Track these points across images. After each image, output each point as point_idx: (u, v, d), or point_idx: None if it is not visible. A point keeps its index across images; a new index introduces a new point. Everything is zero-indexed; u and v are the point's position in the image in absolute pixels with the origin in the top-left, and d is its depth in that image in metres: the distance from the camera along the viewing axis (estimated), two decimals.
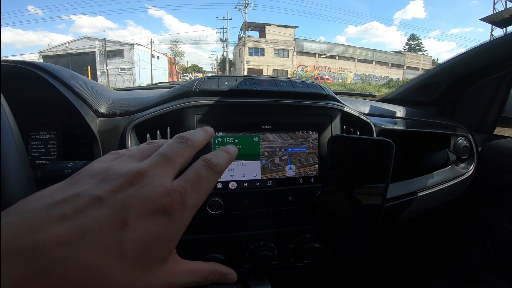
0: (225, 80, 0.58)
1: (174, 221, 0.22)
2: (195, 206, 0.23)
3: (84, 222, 0.18)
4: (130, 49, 24.70)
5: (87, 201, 0.19)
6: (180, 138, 0.27)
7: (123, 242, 0.19)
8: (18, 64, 0.54)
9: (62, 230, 0.18)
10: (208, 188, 0.25)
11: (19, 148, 0.34)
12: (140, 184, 0.21)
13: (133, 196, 0.21)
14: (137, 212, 0.20)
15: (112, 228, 0.19)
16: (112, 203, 0.20)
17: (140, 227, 0.20)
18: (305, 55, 31.81)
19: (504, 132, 0.95)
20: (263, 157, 0.56)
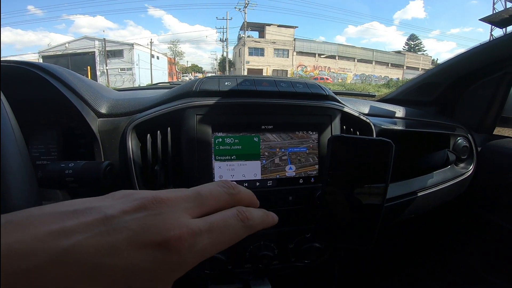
0: (225, 81, 0.58)
1: (172, 261, 0.19)
2: (205, 254, 0.20)
3: (75, 236, 0.17)
4: (130, 49, 24.69)
5: (96, 218, 0.18)
6: (225, 183, 0.25)
7: (101, 265, 0.17)
8: (18, 64, 0.54)
9: (49, 239, 0.16)
10: (229, 239, 0.21)
11: (21, 148, 0.34)
12: (153, 211, 0.19)
13: (137, 220, 0.19)
14: (132, 238, 0.18)
15: (98, 249, 0.17)
16: (114, 223, 0.18)
17: (127, 255, 0.17)
18: (305, 55, 31.80)
19: (504, 132, 0.96)
20: (263, 157, 0.56)
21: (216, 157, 0.54)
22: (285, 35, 30.74)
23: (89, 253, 0.17)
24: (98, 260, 0.17)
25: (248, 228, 0.23)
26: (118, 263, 0.17)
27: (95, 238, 0.17)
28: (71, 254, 0.16)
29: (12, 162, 0.32)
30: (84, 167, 0.46)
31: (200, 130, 0.53)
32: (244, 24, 29.82)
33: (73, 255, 0.16)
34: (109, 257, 0.17)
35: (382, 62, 35.06)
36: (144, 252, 0.18)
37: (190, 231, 0.19)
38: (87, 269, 0.16)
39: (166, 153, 0.55)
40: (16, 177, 0.32)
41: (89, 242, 0.17)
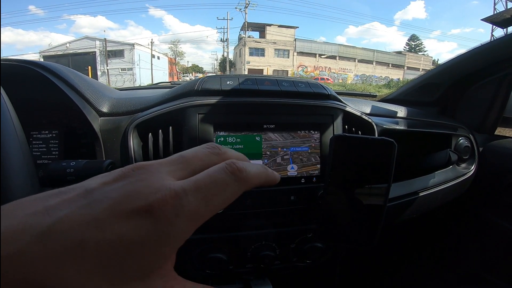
0: (227, 80, 0.58)
1: (159, 228, 0.17)
2: (196, 216, 0.18)
3: (57, 213, 0.16)
4: (131, 49, 24.71)
5: (77, 193, 0.17)
6: (210, 144, 0.23)
7: (86, 241, 0.16)
8: (21, 63, 0.54)
9: (31, 220, 0.16)
10: (221, 197, 0.19)
11: (23, 148, 0.34)
12: (134, 178, 0.18)
13: (118, 189, 0.17)
14: (114, 208, 0.17)
15: (81, 223, 0.16)
16: (95, 195, 0.17)
17: (111, 227, 0.16)
18: (306, 55, 31.81)
19: (505, 132, 0.95)
20: (265, 156, 0.56)
21: None
22: (285, 35, 30.75)
23: (72, 228, 0.16)
24: (82, 234, 0.16)
25: (241, 182, 0.20)
26: (103, 237, 0.16)
27: (77, 212, 0.16)
28: (54, 232, 0.15)
29: (14, 161, 0.32)
30: (85, 166, 0.46)
31: (202, 129, 0.53)
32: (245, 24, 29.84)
33: (56, 232, 0.15)
34: (93, 230, 0.16)
35: (382, 63, 35.06)
36: (129, 222, 0.17)
37: (173, 192, 0.18)
38: (72, 246, 0.15)
39: (168, 152, 0.55)
40: (18, 176, 0.32)
41: (71, 217, 0.16)
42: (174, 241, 0.18)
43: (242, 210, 0.55)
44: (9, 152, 0.32)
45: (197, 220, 0.18)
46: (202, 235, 0.56)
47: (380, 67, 35.06)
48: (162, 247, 0.17)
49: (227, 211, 0.53)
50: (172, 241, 0.17)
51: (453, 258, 0.98)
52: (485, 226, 0.88)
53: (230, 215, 0.54)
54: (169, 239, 0.17)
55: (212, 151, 0.22)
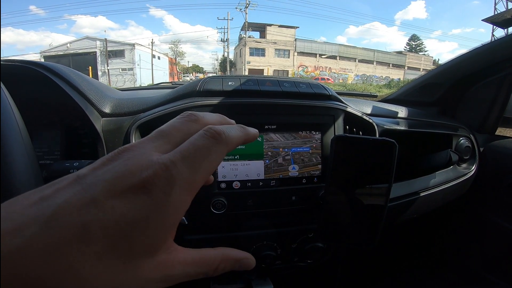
0: (229, 80, 0.58)
1: (157, 201, 0.17)
2: (189, 184, 0.19)
3: (55, 201, 0.16)
4: (131, 49, 24.73)
5: (69, 182, 0.18)
6: (184, 113, 0.23)
7: (88, 223, 0.16)
8: (23, 63, 0.55)
9: (30, 212, 0.16)
10: (208, 162, 0.20)
11: (27, 148, 0.34)
12: (122, 159, 0.19)
13: (109, 171, 0.18)
14: (109, 188, 0.17)
15: (80, 207, 0.16)
16: (87, 180, 0.17)
17: (111, 207, 0.17)
18: (306, 55, 31.79)
19: (506, 133, 0.96)
20: (267, 157, 0.56)
21: None
22: (286, 35, 30.73)
23: (72, 213, 0.16)
24: (83, 217, 0.16)
25: (223, 144, 0.21)
26: (104, 217, 0.16)
27: (74, 197, 0.17)
28: (56, 219, 0.16)
29: (19, 162, 0.32)
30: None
31: None
32: (245, 24, 29.82)
33: (58, 219, 0.16)
34: (93, 211, 0.16)
35: (383, 63, 35.02)
36: (127, 200, 0.17)
37: (163, 165, 0.18)
38: (76, 230, 0.16)
39: None
40: (23, 175, 0.32)
41: (69, 201, 0.16)
42: (174, 212, 0.18)
43: (244, 210, 0.55)
44: (14, 152, 0.32)
45: (191, 188, 0.19)
46: (204, 235, 0.56)
47: (380, 67, 35.02)
48: (164, 219, 0.18)
49: (229, 211, 0.53)
50: (172, 212, 0.18)
51: (454, 258, 0.98)
52: (485, 226, 0.88)
53: (232, 215, 0.55)
54: (169, 210, 0.18)
55: (188, 119, 0.22)
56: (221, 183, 0.54)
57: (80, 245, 0.16)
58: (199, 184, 0.19)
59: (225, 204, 0.52)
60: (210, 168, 0.20)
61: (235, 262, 0.23)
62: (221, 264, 0.22)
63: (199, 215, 0.54)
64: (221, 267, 0.22)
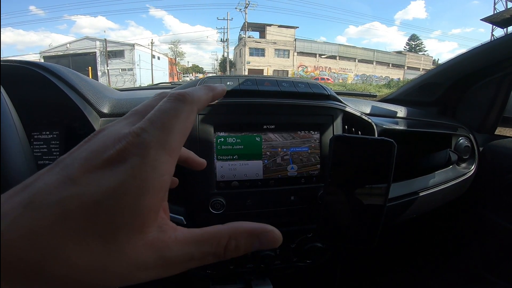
0: (227, 80, 0.58)
1: (133, 165, 0.17)
2: (163, 144, 0.18)
3: (36, 185, 0.16)
4: (131, 49, 24.74)
5: (50, 166, 0.18)
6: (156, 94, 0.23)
7: (65, 199, 0.16)
8: (21, 64, 0.54)
9: (15, 199, 0.16)
10: (178, 121, 0.19)
11: (25, 148, 0.34)
12: (96, 138, 0.19)
13: (85, 150, 0.18)
14: (85, 164, 0.17)
15: (57, 186, 0.16)
16: (65, 161, 0.17)
17: (86, 181, 0.16)
18: (306, 55, 31.80)
19: (505, 132, 0.95)
20: (265, 157, 0.56)
21: (218, 156, 0.54)
22: (285, 35, 30.74)
23: (50, 193, 0.16)
24: (61, 194, 0.16)
25: (188, 103, 0.20)
26: (80, 192, 0.16)
27: (53, 178, 0.16)
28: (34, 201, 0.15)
29: (16, 162, 0.32)
30: None
31: (202, 130, 0.53)
32: (245, 24, 29.84)
33: (36, 201, 0.15)
34: (70, 187, 0.16)
35: (383, 63, 35.03)
36: (104, 172, 0.17)
37: (133, 133, 0.18)
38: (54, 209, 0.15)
39: None
40: (20, 176, 0.32)
41: (48, 183, 0.16)
42: (153, 173, 0.17)
43: (243, 210, 0.55)
44: (11, 153, 0.32)
45: (166, 147, 0.18)
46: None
47: (380, 67, 35.04)
48: (143, 183, 0.17)
49: (227, 211, 0.53)
50: (151, 173, 0.17)
51: (453, 258, 0.98)
52: (485, 226, 0.88)
53: (231, 215, 0.55)
54: (147, 172, 0.17)
55: (159, 96, 0.22)
56: (220, 183, 0.54)
57: (59, 224, 0.15)
58: (176, 143, 0.19)
59: (224, 204, 0.52)
60: (182, 127, 0.19)
61: (250, 238, 0.20)
62: (231, 241, 0.19)
63: (198, 215, 0.54)
64: (232, 244, 0.19)
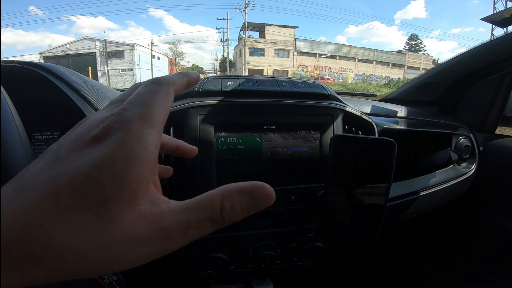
0: (228, 80, 0.58)
1: (118, 139, 0.17)
2: (145, 118, 0.18)
3: (29, 170, 0.17)
4: (131, 49, 24.74)
5: (43, 154, 0.18)
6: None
7: (55, 179, 0.16)
8: (21, 64, 0.55)
9: (8, 186, 0.16)
10: (158, 101, 0.19)
11: (26, 148, 0.34)
12: (83, 122, 0.19)
13: (72, 133, 0.18)
14: (72, 145, 0.17)
15: (46, 167, 0.16)
16: (55, 147, 0.18)
17: (74, 158, 0.17)
18: (306, 55, 31.80)
19: (506, 132, 0.96)
20: (266, 156, 0.56)
21: (218, 156, 0.54)
22: (285, 35, 30.74)
23: (41, 174, 0.16)
24: (50, 173, 0.16)
25: (164, 84, 0.21)
26: (71, 167, 0.16)
27: (43, 162, 0.17)
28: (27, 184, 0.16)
29: (18, 162, 0.32)
30: None
31: (202, 130, 0.53)
32: (245, 24, 29.84)
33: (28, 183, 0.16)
34: (58, 166, 0.16)
35: (383, 62, 35.04)
36: (91, 149, 0.17)
37: (115, 114, 0.18)
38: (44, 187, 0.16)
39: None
40: None
41: (38, 167, 0.17)
42: (138, 144, 0.17)
43: None
44: (12, 153, 0.32)
45: (149, 120, 0.18)
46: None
47: (380, 66, 35.05)
48: (129, 154, 0.17)
49: None
50: (136, 144, 0.17)
51: (454, 257, 0.98)
52: (486, 226, 0.88)
53: None
54: (132, 144, 0.17)
55: (135, 85, 0.23)
56: (220, 183, 0.54)
57: (48, 202, 0.15)
58: (157, 117, 0.19)
59: None
60: (161, 103, 0.20)
61: (243, 196, 0.19)
62: (225, 201, 0.19)
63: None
64: (227, 205, 0.19)
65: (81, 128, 0.19)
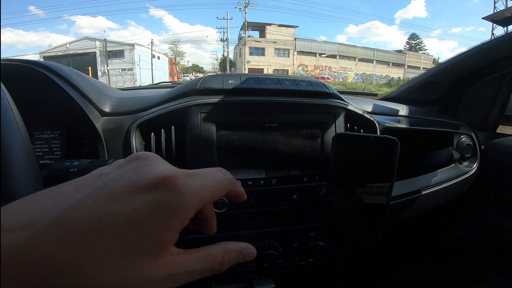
0: (229, 79, 0.58)
1: (170, 200, 0.19)
2: (200, 193, 0.21)
3: (73, 196, 0.17)
4: (131, 49, 24.73)
5: (89, 178, 0.19)
6: None
7: (103, 215, 0.17)
8: (23, 63, 0.54)
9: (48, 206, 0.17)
10: (217, 185, 0.23)
11: (27, 147, 0.34)
12: (144, 162, 0.21)
13: (132, 170, 0.20)
14: (130, 184, 0.19)
15: (97, 200, 0.17)
16: (109, 176, 0.19)
17: (128, 201, 0.18)
18: (306, 54, 31.78)
19: (507, 131, 0.95)
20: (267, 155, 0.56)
21: (220, 155, 0.54)
22: (285, 34, 30.71)
23: (89, 207, 0.17)
24: (99, 210, 0.17)
25: (229, 181, 0.25)
26: (119, 210, 0.17)
27: (94, 192, 0.18)
28: (72, 213, 0.17)
29: (18, 161, 0.32)
30: (89, 166, 0.46)
31: (204, 128, 0.53)
32: (245, 24, 29.81)
33: (74, 213, 0.17)
34: (110, 204, 0.17)
35: (383, 61, 35.01)
36: (143, 196, 0.18)
37: (181, 172, 0.21)
38: (91, 223, 0.17)
39: (170, 151, 0.55)
40: (22, 175, 0.32)
41: (88, 197, 0.17)
42: (184, 213, 0.20)
43: (245, 209, 0.55)
44: (13, 152, 0.32)
45: (200, 197, 0.21)
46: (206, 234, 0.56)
47: (380, 66, 35.01)
48: (171, 219, 0.19)
49: (231, 210, 0.53)
50: (182, 213, 0.20)
51: (455, 256, 0.98)
52: (487, 225, 0.88)
53: (233, 214, 0.54)
54: (179, 210, 0.19)
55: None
56: None
57: (91, 237, 0.16)
58: (206, 199, 0.22)
59: (226, 203, 0.52)
60: (219, 191, 0.23)
61: (237, 254, 0.24)
62: (225, 257, 0.23)
63: None
64: (226, 260, 0.23)
65: (142, 169, 0.20)
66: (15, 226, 0.16)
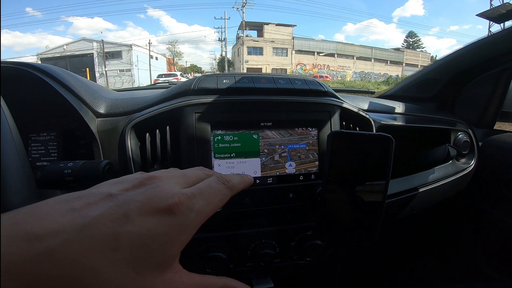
0: (224, 78, 0.58)
1: (178, 223, 0.21)
2: (203, 212, 0.23)
3: (88, 213, 0.19)
4: (129, 50, 24.69)
5: (99, 197, 0.21)
6: (202, 168, 0.30)
7: (120, 234, 0.19)
8: (16, 65, 0.54)
9: (64, 220, 0.18)
10: (218, 199, 0.26)
11: (19, 150, 0.34)
12: (151, 185, 0.23)
13: (141, 193, 0.22)
14: (141, 207, 0.20)
15: (113, 220, 0.19)
16: (120, 198, 0.21)
17: (141, 222, 0.20)
18: (304, 53, 31.80)
19: (504, 127, 0.95)
20: (263, 154, 0.55)
21: (215, 155, 0.54)
22: (283, 33, 30.71)
23: (106, 225, 0.19)
24: (116, 229, 0.19)
25: (230, 189, 0.27)
26: (134, 230, 0.19)
27: (108, 212, 0.19)
28: (90, 228, 0.18)
29: (10, 163, 0.32)
30: (83, 167, 0.46)
31: (199, 128, 0.53)
32: (243, 23, 29.78)
33: (92, 228, 0.18)
34: (125, 225, 0.19)
35: (381, 60, 35.04)
36: (154, 218, 0.20)
37: (185, 196, 0.23)
38: (108, 240, 0.18)
39: (165, 151, 0.54)
40: (14, 177, 0.32)
41: (104, 215, 0.19)
42: (188, 233, 0.22)
43: (242, 209, 0.55)
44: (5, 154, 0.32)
45: (203, 216, 0.24)
46: (202, 234, 0.56)
47: (378, 64, 35.04)
48: (180, 237, 0.22)
49: (226, 209, 0.53)
50: (187, 233, 0.22)
51: (454, 254, 0.98)
52: (486, 221, 0.88)
53: (230, 213, 0.54)
54: (185, 231, 0.22)
55: (205, 173, 0.29)
56: None
57: (108, 252, 0.18)
58: (209, 215, 0.24)
59: None
60: (219, 204, 0.26)
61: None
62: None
63: None
64: None
65: (152, 191, 0.22)
66: (42, 232, 0.17)
